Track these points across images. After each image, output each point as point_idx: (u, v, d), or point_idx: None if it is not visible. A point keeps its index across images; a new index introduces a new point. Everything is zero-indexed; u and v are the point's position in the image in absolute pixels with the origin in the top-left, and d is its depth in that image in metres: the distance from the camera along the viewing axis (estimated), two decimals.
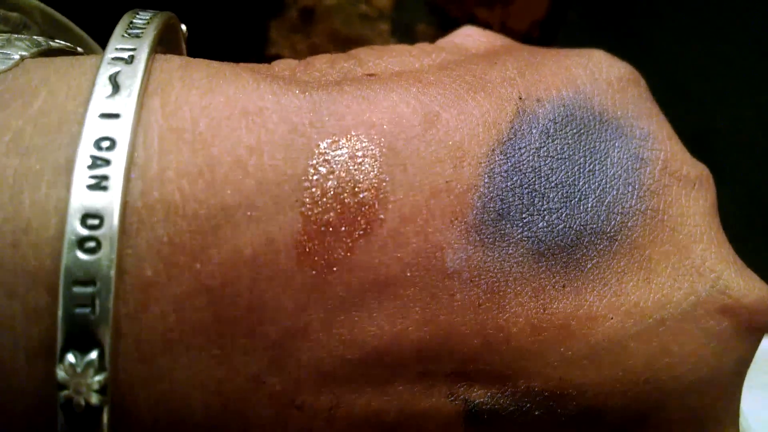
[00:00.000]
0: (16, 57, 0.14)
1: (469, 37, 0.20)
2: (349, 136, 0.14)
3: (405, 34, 0.28)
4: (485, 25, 0.27)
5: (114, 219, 0.12)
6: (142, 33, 0.14)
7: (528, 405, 0.16)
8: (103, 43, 0.14)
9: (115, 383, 0.13)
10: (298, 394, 0.14)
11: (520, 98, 0.17)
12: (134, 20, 0.14)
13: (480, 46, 0.20)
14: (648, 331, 0.17)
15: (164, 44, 0.17)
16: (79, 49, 0.17)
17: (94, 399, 0.12)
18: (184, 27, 0.17)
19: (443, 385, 0.16)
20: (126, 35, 0.14)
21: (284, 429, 0.15)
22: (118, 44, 0.14)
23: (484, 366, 0.16)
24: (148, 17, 0.15)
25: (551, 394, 0.16)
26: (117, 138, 0.13)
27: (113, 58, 0.13)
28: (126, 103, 0.13)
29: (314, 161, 0.14)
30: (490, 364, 0.16)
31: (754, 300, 0.18)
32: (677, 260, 0.17)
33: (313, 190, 0.14)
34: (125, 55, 0.14)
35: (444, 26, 0.28)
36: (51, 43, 0.15)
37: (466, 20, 0.28)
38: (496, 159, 0.16)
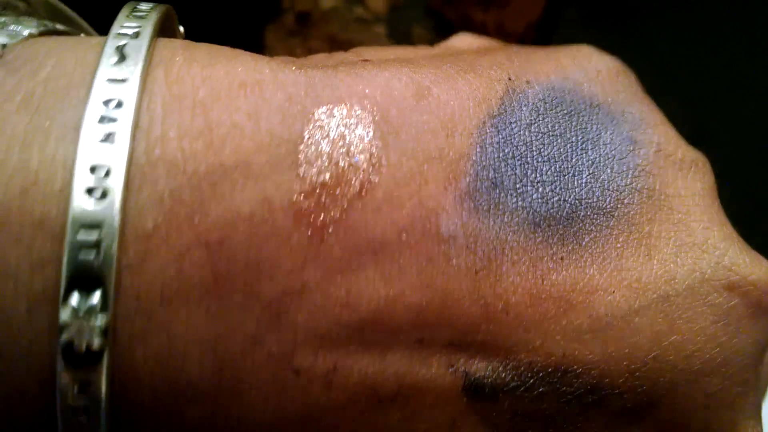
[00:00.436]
0: (25, 33, 0.15)
1: (464, 41, 0.22)
2: (343, 104, 0.16)
3: (401, 36, 0.30)
4: (481, 26, 0.29)
5: (121, 169, 0.13)
6: (146, 15, 0.16)
7: (531, 381, 0.17)
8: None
9: (114, 336, 0.14)
10: (295, 356, 0.15)
11: (510, 78, 0.18)
12: (138, 6, 0.16)
13: (473, 46, 0.21)
14: (653, 307, 0.17)
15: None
16: (82, 35, 0.18)
17: (96, 343, 0.13)
18: (182, 28, 0.19)
19: (442, 355, 0.16)
20: (131, 16, 0.16)
21: (281, 395, 0.15)
22: (123, 22, 0.15)
23: (484, 336, 0.16)
24: (150, 5, 0.17)
25: (555, 369, 0.17)
26: (124, 99, 0.14)
27: (119, 33, 0.15)
28: (132, 70, 0.14)
29: (309, 127, 0.15)
30: (489, 334, 0.16)
31: (762, 277, 0.18)
32: (678, 238, 0.18)
33: (309, 153, 0.15)
34: (130, 31, 0.15)
35: (440, 29, 0.30)
36: (57, 26, 0.17)
37: (462, 22, 0.29)
38: (488, 131, 0.17)
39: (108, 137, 0.14)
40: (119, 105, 0.14)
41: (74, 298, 0.13)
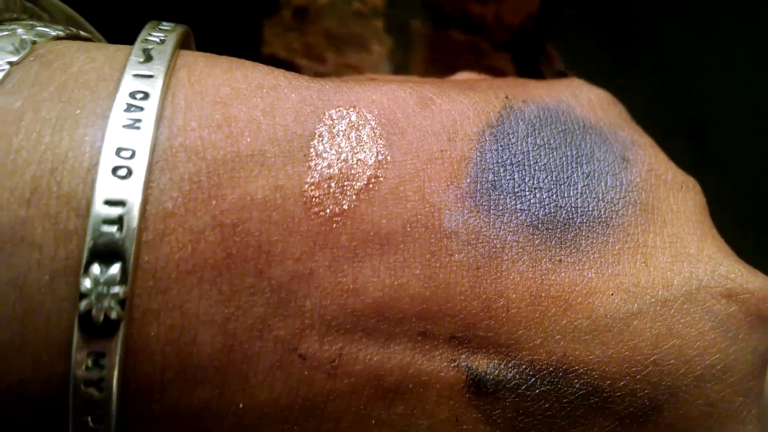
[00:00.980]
0: (53, 34, 0.17)
1: (463, 75, 0.24)
2: (352, 107, 0.17)
3: (399, 30, 0.31)
4: (479, 19, 0.30)
5: (145, 153, 0.15)
6: (170, 29, 0.18)
7: (532, 379, 0.17)
8: None
9: (131, 310, 0.15)
10: (302, 341, 0.16)
11: (507, 97, 0.20)
12: (161, 23, 0.18)
13: (472, 77, 0.23)
14: (651, 311, 0.18)
15: None
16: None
17: (114, 313, 0.14)
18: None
19: (445, 349, 0.17)
20: (156, 29, 0.18)
21: (286, 380, 0.16)
22: (150, 31, 0.17)
23: (485, 332, 0.17)
24: (172, 24, 0.18)
25: (556, 369, 0.17)
26: (150, 92, 0.16)
27: (146, 39, 0.17)
28: (158, 68, 0.16)
29: (321, 125, 0.17)
30: (490, 329, 0.17)
31: (759, 287, 0.19)
32: (673, 248, 0.19)
33: (319, 148, 0.17)
34: (156, 39, 0.17)
35: (438, 22, 0.31)
36: (81, 33, 0.19)
37: (460, 15, 0.31)
38: (487, 139, 0.18)
39: (134, 124, 0.15)
40: (145, 96, 0.15)
41: (95, 269, 0.14)
